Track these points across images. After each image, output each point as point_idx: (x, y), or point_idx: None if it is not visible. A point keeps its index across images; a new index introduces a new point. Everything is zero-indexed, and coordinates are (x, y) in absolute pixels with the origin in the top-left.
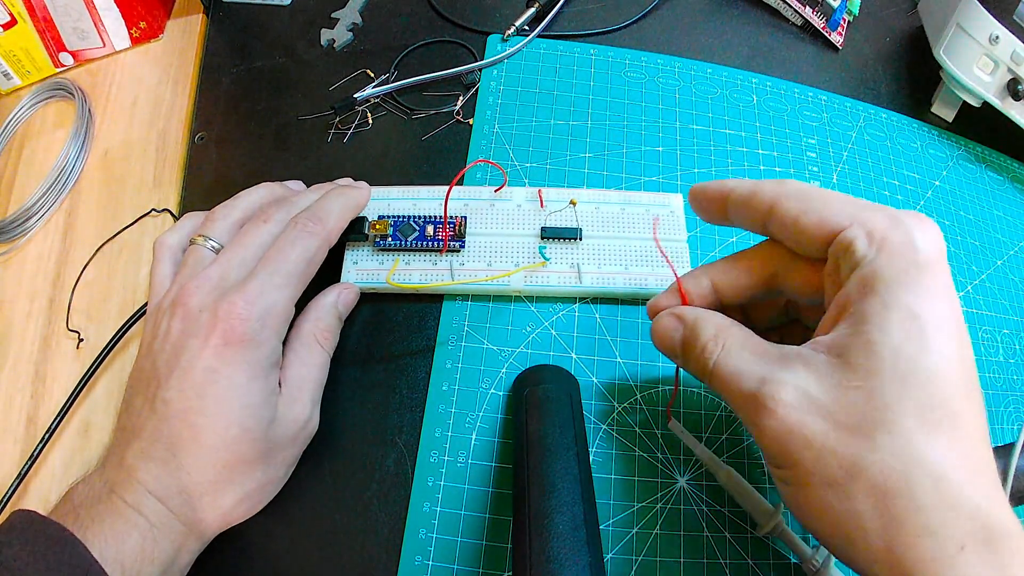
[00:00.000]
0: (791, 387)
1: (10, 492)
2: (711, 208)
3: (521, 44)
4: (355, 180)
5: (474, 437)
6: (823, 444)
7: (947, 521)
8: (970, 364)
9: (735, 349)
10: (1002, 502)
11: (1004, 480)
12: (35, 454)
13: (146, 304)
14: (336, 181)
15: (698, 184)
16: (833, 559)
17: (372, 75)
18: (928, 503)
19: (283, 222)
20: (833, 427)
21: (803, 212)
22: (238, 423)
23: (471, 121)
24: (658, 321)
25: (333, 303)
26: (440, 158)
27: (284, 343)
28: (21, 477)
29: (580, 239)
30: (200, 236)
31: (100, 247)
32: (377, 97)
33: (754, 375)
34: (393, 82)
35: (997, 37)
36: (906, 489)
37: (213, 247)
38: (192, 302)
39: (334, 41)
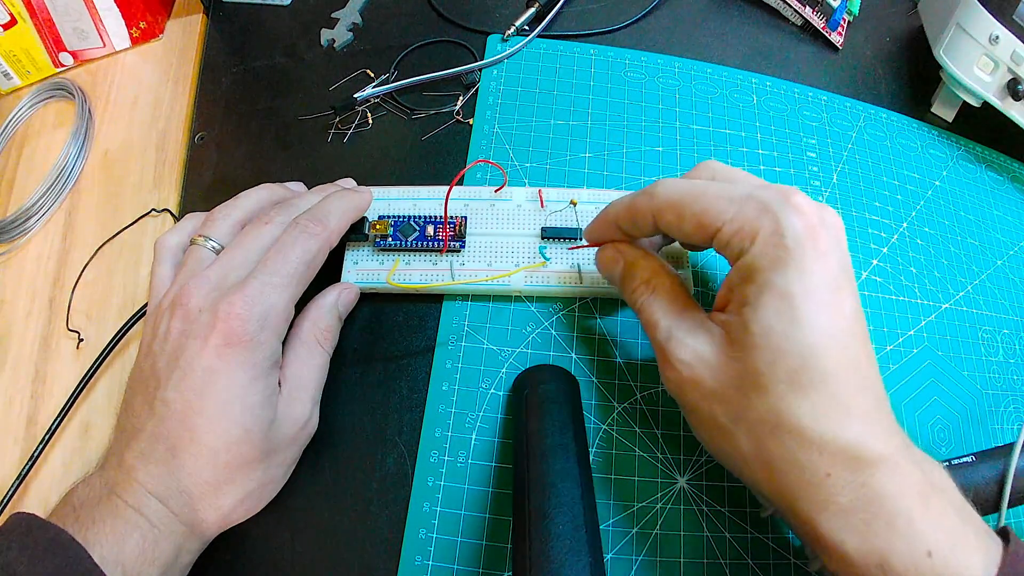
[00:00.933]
0: (689, 349)
1: (10, 493)
2: (610, 235)
3: (521, 44)
4: (355, 180)
5: (474, 437)
6: (712, 398)
7: (811, 458)
8: (849, 322)
9: (657, 300)
10: (877, 434)
11: (1003, 480)
12: (35, 455)
13: (146, 305)
14: (338, 182)
15: (586, 231)
16: None
17: (372, 75)
18: (794, 446)
19: (284, 223)
20: (719, 386)
21: (680, 220)
22: (238, 423)
23: (471, 121)
24: (603, 251)
25: (333, 303)
26: (440, 158)
27: (284, 343)
28: (21, 478)
29: (580, 239)
30: (200, 236)
31: (100, 247)
32: (377, 97)
33: (665, 329)
34: (393, 82)
35: (997, 37)
36: (775, 437)
37: (213, 248)
38: (192, 302)
39: (334, 41)
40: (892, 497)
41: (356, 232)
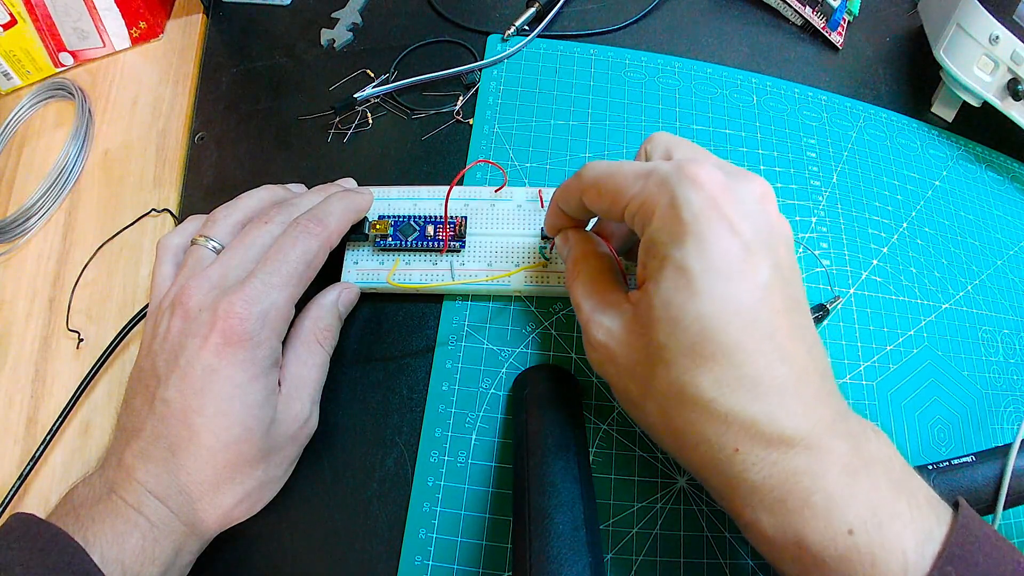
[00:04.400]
0: (604, 329)
1: (11, 493)
2: (559, 220)
3: (521, 44)
4: (355, 180)
5: (474, 437)
6: (624, 374)
7: (717, 432)
8: (757, 295)
9: (581, 283)
10: (792, 409)
11: (1000, 480)
12: (36, 455)
13: (147, 305)
14: (338, 182)
15: (544, 223)
16: None
17: (372, 75)
18: (698, 419)
19: (284, 223)
20: (629, 362)
21: (598, 197)
22: (238, 422)
23: (471, 121)
24: (557, 239)
25: (333, 303)
26: (440, 158)
27: (284, 343)
28: (22, 478)
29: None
30: (201, 236)
31: (100, 247)
32: (377, 97)
33: (586, 311)
34: (393, 82)
35: (997, 37)
36: (680, 410)
37: (214, 247)
38: (192, 302)
39: (334, 41)
40: (808, 475)
41: (356, 232)
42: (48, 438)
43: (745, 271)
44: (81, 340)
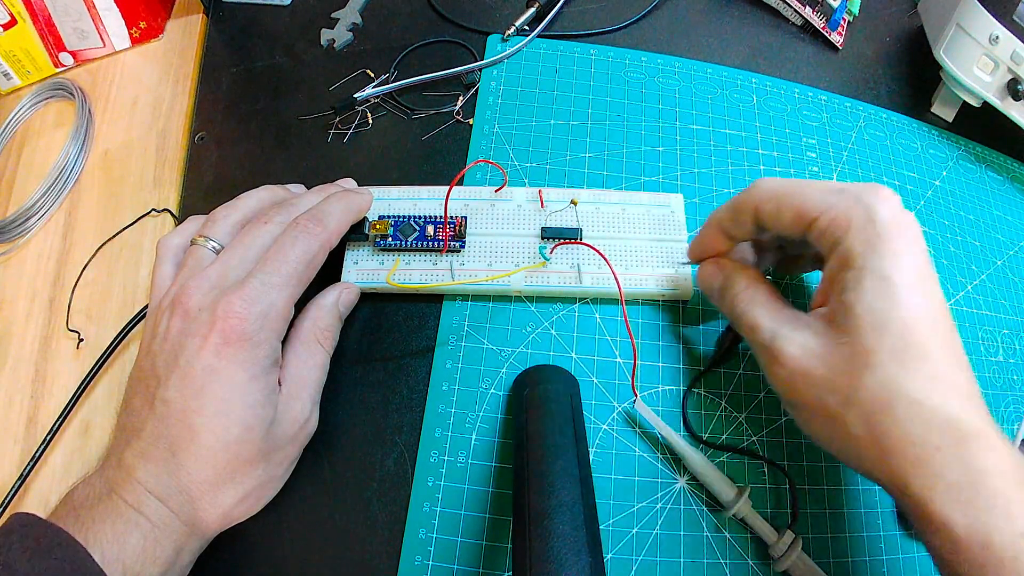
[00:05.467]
0: (796, 343)
1: (11, 493)
2: (713, 242)
3: (521, 44)
4: (355, 180)
5: (474, 437)
6: (821, 386)
7: (923, 431)
8: (938, 306)
9: (758, 305)
10: (973, 411)
11: None
12: (36, 455)
13: (147, 306)
14: (338, 182)
15: (690, 248)
16: (800, 543)
17: (372, 75)
18: (906, 419)
19: (283, 223)
20: (829, 372)
21: (779, 211)
22: (238, 422)
23: (471, 121)
24: (703, 268)
25: (333, 303)
26: (440, 158)
27: (284, 343)
28: (23, 479)
29: (580, 239)
30: (201, 237)
31: (100, 247)
32: (377, 97)
33: (768, 330)
34: (393, 82)
35: (997, 37)
36: (888, 412)
37: (214, 248)
38: (191, 302)
39: (334, 41)
40: (991, 475)
41: (356, 232)
42: (48, 438)
43: (927, 285)
44: (81, 340)
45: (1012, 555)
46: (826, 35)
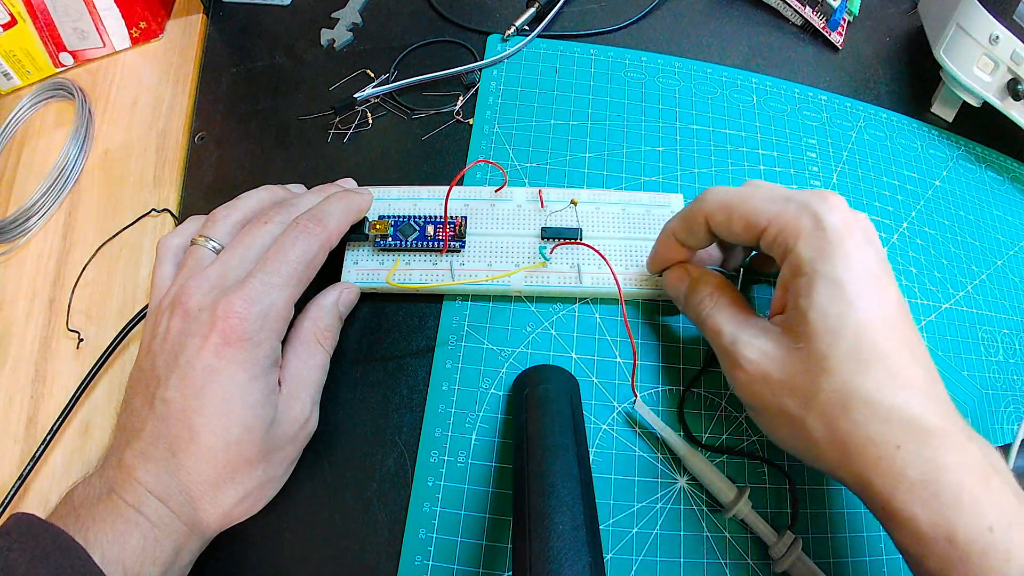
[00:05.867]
0: (755, 349)
1: (11, 493)
2: (669, 251)
3: (521, 44)
4: (355, 180)
5: (474, 437)
6: (780, 390)
7: (882, 431)
8: (893, 304)
9: (720, 310)
10: (934, 408)
11: None
12: (36, 455)
13: (147, 306)
14: (338, 182)
15: (648, 260)
16: (800, 544)
17: (372, 75)
18: (864, 420)
19: (284, 223)
20: (787, 376)
21: (729, 220)
22: (238, 422)
23: (471, 121)
24: (670, 273)
25: (333, 303)
26: (440, 158)
27: (284, 343)
28: (23, 479)
29: (580, 240)
30: (201, 237)
31: (100, 247)
32: (377, 97)
33: (730, 334)
34: (393, 82)
35: (997, 37)
36: (846, 414)
37: (214, 247)
38: (191, 302)
39: (334, 41)
40: (955, 471)
41: (356, 232)
42: (48, 438)
43: (883, 284)
44: (81, 340)
45: (979, 549)
46: (826, 35)
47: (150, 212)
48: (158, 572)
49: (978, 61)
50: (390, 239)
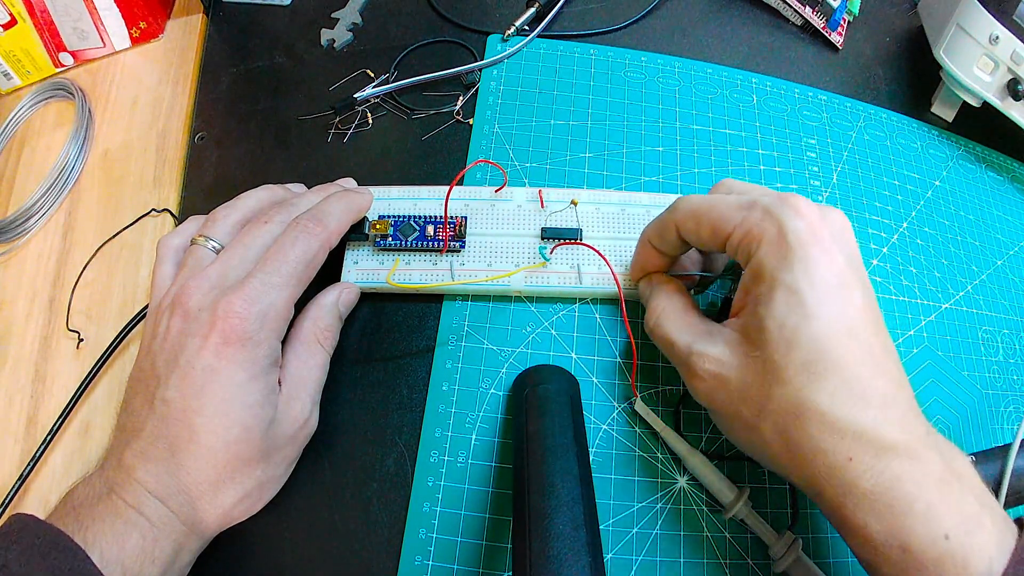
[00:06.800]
0: (711, 358)
1: (11, 493)
2: (647, 258)
3: (521, 44)
4: (355, 180)
5: (474, 437)
6: (736, 397)
7: (833, 442)
8: (857, 312)
9: (671, 320)
10: (891, 419)
11: (1000, 480)
12: (36, 455)
13: (147, 306)
14: (338, 182)
15: (630, 269)
16: (799, 544)
17: (372, 75)
18: (815, 432)
19: (284, 223)
20: (743, 384)
21: (697, 227)
22: (238, 422)
23: (471, 121)
24: (640, 283)
25: (333, 303)
26: (440, 158)
27: (284, 342)
28: (23, 479)
29: (580, 240)
30: (201, 236)
31: (100, 247)
32: (377, 97)
33: (684, 345)
34: (393, 82)
35: (997, 37)
36: (798, 425)
37: (214, 247)
38: (191, 302)
39: (334, 41)
40: (911, 482)
41: (356, 232)
42: (48, 438)
43: (845, 293)
44: (81, 340)
45: (934, 557)
46: (826, 35)
47: (150, 212)
48: (157, 572)
49: (978, 61)
50: (390, 239)
